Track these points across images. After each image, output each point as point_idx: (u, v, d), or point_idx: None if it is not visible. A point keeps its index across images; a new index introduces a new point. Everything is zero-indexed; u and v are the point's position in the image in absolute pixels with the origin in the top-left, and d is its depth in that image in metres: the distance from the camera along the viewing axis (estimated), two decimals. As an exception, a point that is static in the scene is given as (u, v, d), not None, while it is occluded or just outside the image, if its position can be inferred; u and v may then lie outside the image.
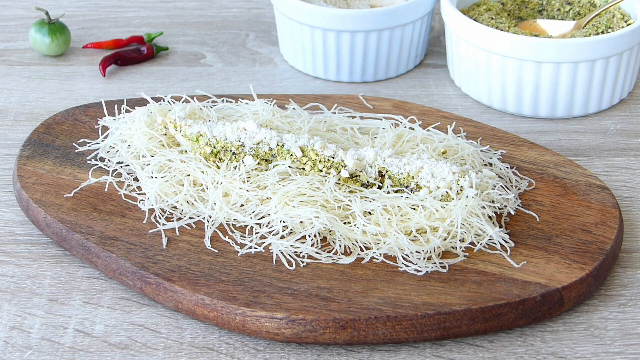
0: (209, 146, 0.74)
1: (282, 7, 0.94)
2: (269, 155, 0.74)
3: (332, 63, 0.94)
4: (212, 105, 0.81)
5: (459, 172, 0.72)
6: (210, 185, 0.72)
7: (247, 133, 0.74)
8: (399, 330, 0.63)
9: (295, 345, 0.65)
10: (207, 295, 0.65)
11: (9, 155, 0.83)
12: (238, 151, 0.74)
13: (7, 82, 0.94)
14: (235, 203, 0.72)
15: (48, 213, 0.72)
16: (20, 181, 0.75)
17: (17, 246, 0.73)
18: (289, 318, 0.63)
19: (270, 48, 1.02)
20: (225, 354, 0.64)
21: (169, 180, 0.73)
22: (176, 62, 0.99)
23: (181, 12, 1.09)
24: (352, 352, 0.64)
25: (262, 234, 0.70)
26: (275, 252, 0.68)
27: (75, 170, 0.77)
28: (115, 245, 0.69)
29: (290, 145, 0.73)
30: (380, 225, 0.69)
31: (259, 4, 1.10)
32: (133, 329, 0.66)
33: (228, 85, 0.95)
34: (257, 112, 0.80)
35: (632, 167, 0.83)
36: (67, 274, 0.70)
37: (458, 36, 0.89)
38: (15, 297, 0.68)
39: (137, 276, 0.67)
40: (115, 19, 1.07)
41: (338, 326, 0.63)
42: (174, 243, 0.70)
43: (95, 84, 0.94)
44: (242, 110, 0.80)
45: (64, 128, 0.82)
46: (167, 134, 0.77)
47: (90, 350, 0.64)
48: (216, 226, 0.71)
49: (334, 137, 0.78)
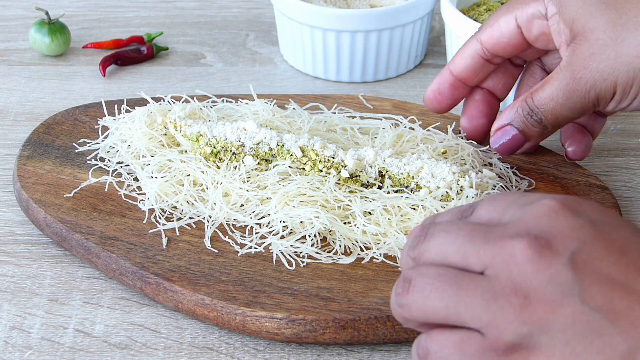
0: (209, 146, 0.74)
1: (282, 7, 0.94)
2: (269, 155, 0.74)
3: (332, 63, 0.94)
4: (212, 105, 0.81)
5: (459, 172, 0.72)
6: (210, 185, 0.72)
7: (247, 133, 0.74)
8: (399, 330, 0.63)
9: (295, 345, 0.65)
10: (207, 295, 0.65)
11: (9, 155, 0.83)
12: (238, 151, 0.74)
13: (7, 82, 0.94)
14: (235, 203, 0.72)
15: (48, 213, 0.72)
16: (20, 181, 0.75)
17: (17, 246, 0.73)
18: (289, 318, 0.63)
19: (270, 48, 1.02)
20: (225, 354, 0.64)
21: (169, 180, 0.73)
22: (176, 62, 0.99)
23: (181, 12, 1.09)
24: (352, 352, 0.64)
25: (262, 234, 0.70)
26: (275, 252, 0.68)
27: (75, 170, 0.77)
28: (115, 245, 0.69)
29: (291, 145, 0.73)
30: (380, 225, 0.69)
31: (259, 4, 1.10)
32: (133, 329, 0.66)
33: (228, 85, 0.95)
34: (257, 112, 0.80)
35: (632, 167, 0.83)
36: (67, 274, 0.70)
37: (458, 36, 0.89)
38: (15, 297, 0.68)
39: (137, 276, 0.67)
40: (115, 19, 1.07)
41: (338, 326, 0.63)
42: (174, 243, 0.70)
43: (95, 84, 0.94)
44: (242, 110, 0.80)
45: (64, 128, 0.82)
46: (167, 134, 0.77)
47: (90, 350, 0.64)
48: (216, 226, 0.71)
49: (334, 137, 0.78)
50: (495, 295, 0.50)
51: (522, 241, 0.50)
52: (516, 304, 0.49)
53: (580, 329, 0.48)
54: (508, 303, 0.49)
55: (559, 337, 0.49)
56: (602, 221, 0.52)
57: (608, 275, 0.49)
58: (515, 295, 0.49)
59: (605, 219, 0.52)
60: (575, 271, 0.49)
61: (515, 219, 0.52)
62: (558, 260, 0.49)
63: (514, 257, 0.50)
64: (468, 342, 0.50)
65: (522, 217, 0.52)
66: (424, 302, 0.51)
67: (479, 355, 0.50)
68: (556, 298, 0.49)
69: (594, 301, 0.49)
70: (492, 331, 0.50)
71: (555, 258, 0.49)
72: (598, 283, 0.49)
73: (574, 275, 0.49)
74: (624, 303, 0.48)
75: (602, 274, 0.49)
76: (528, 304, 0.49)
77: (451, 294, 0.51)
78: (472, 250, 0.51)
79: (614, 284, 0.49)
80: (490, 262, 0.51)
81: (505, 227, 0.52)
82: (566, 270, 0.49)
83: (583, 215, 0.52)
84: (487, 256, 0.51)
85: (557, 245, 0.50)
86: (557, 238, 0.50)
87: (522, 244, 0.50)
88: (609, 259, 0.50)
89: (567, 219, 0.51)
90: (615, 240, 0.51)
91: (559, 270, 0.49)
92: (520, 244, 0.50)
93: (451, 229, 0.53)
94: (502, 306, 0.49)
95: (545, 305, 0.49)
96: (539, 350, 0.49)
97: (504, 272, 0.50)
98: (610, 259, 0.50)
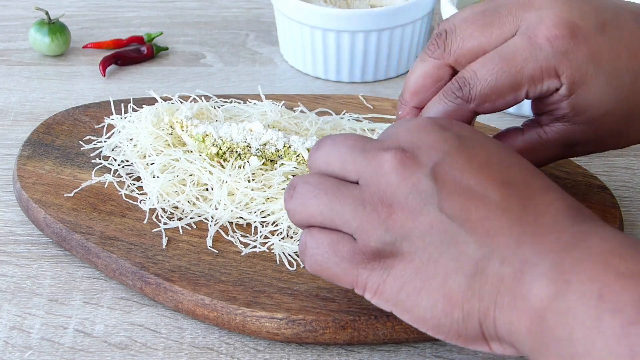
0: (215, 146, 0.74)
1: (282, 7, 0.94)
2: (275, 156, 0.74)
3: (332, 63, 0.94)
4: (219, 105, 0.81)
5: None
6: (216, 185, 0.72)
7: (253, 134, 0.74)
8: (399, 330, 0.63)
9: (295, 345, 0.65)
10: (207, 296, 0.65)
11: (9, 155, 0.83)
12: (244, 152, 0.74)
13: (7, 82, 0.94)
14: (240, 202, 0.72)
15: (48, 213, 0.72)
16: (20, 181, 0.75)
17: (17, 246, 0.73)
18: (289, 318, 0.63)
19: (270, 48, 1.02)
20: (225, 354, 0.64)
21: (172, 180, 0.73)
22: (176, 62, 0.99)
23: (181, 12, 1.09)
24: (352, 352, 0.64)
25: (264, 234, 0.70)
26: (278, 253, 0.68)
27: (76, 170, 0.77)
28: (115, 245, 0.69)
29: (298, 146, 0.73)
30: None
31: (259, 4, 1.10)
32: (133, 329, 0.66)
33: (228, 85, 0.95)
34: (264, 112, 0.80)
35: (632, 167, 0.83)
36: (67, 274, 0.70)
37: (458, 36, 0.89)
38: (15, 297, 0.68)
39: (137, 276, 0.67)
40: (115, 19, 1.07)
41: (338, 326, 0.63)
42: (174, 243, 0.70)
43: (95, 84, 0.94)
44: (250, 110, 0.80)
45: (64, 128, 0.82)
46: (173, 134, 0.77)
47: (90, 351, 0.64)
48: (219, 226, 0.71)
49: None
50: (364, 203, 0.53)
51: (390, 152, 0.53)
52: (381, 212, 0.53)
53: (438, 237, 0.51)
54: (374, 211, 0.53)
55: (418, 244, 0.52)
56: (468, 137, 0.54)
57: (467, 186, 0.51)
58: (381, 204, 0.53)
59: (472, 136, 0.54)
60: (436, 181, 0.52)
61: (392, 133, 0.55)
62: (421, 170, 0.52)
63: (382, 167, 0.53)
64: (341, 243, 0.55)
65: (396, 131, 0.55)
66: (303, 208, 0.56)
67: (349, 257, 0.54)
68: (417, 207, 0.52)
69: (452, 210, 0.51)
70: (361, 236, 0.53)
71: (418, 168, 0.52)
72: (457, 193, 0.51)
73: (434, 185, 0.52)
74: (480, 213, 0.51)
75: (462, 184, 0.51)
76: (392, 212, 0.52)
77: (326, 201, 0.55)
78: (350, 159, 0.55)
79: (472, 195, 0.51)
80: (363, 171, 0.54)
81: (381, 140, 0.55)
82: (427, 180, 0.52)
83: (451, 130, 0.54)
84: (361, 165, 0.54)
85: (421, 156, 0.53)
86: (421, 149, 0.53)
87: (390, 154, 0.53)
88: (470, 170, 0.52)
89: (435, 133, 0.54)
90: (478, 154, 0.53)
91: (420, 180, 0.52)
92: (388, 155, 0.53)
93: (338, 139, 0.57)
94: (369, 214, 0.53)
95: (407, 213, 0.52)
96: (402, 256, 0.53)
97: (373, 182, 0.53)
98: (470, 170, 0.52)
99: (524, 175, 0.53)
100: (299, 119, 0.80)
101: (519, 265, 0.49)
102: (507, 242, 0.50)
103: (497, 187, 0.51)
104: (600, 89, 0.63)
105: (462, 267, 0.51)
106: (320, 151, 0.57)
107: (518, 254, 0.49)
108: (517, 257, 0.49)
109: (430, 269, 0.52)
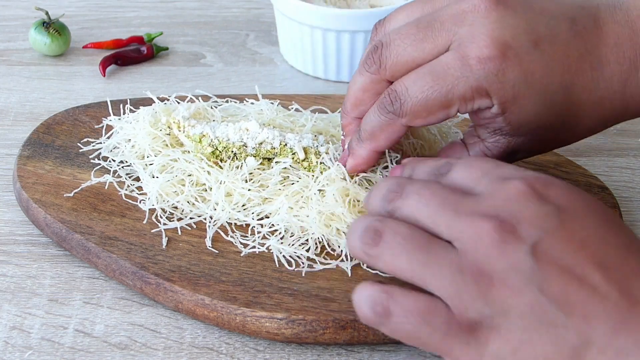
0: (212, 147, 0.74)
1: (282, 7, 0.94)
2: (271, 154, 0.73)
3: (332, 63, 0.94)
4: (216, 105, 0.81)
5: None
6: (214, 185, 0.72)
7: (249, 134, 0.74)
8: (399, 331, 0.63)
9: (295, 345, 0.65)
10: (207, 296, 0.65)
11: (9, 155, 0.83)
12: (240, 152, 0.74)
13: (7, 82, 0.94)
14: (237, 203, 0.72)
15: (48, 213, 0.72)
16: (20, 181, 0.75)
17: (17, 246, 0.73)
18: (289, 318, 0.63)
19: (270, 48, 1.02)
20: (225, 354, 0.64)
21: (171, 180, 0.73)
22: (176, 62, 0.99)
23: (181, 12, 1.09)
24: (352, 352, 0.64)
25: (263, 234, 0.70)
26: (276, 254, 0.68)
27: (76, 170, 0.77)
28: (115, 245, 0.69)
29: (294, 144, 0.73)
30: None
31: (259, 4, 1.10)
32: (133, 329, 0.66)
33: (228, 85, 0.95)
34: (261, 111, 0.80)
35: (632, 167, 0.83)
36: (67, 274, 0.70)
37: (458, 36, 0.89)
38: (15, 297, 0.68)
39: (137, 276, 0.67)
40: (115, 19, 1.07)
41: (338, 326, 0.63)
42: (174, 243, 0.70)
43: (95, 84, 0.94)
44: (247, 110, 0.80)
45: (64, 128, 0.82)
46: (171, 134, 0.77)
47: (90, 351, 0.64)
48: (218, 226, 0.71)
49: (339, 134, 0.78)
50: (462, 271, 0.51)
51: (490, 223, 0.51)
52: (482, 284, 0.51)
53: (537, 318, 0.50)
54: (474, 280, 0.51)
55: (518, 323, 0.50)
56: (568, 211, 0.53)
57: (567, 267, 0.50)
58: (481, 275, 0.51)
59: (571, 208, 0.53)
60: (536, 260, 0.50)
61: (486, 193, 0.54)
62: (521, 247, 0.51)
63: (481, 238, 0.51)
64: (435, 312, 0.52)
65: (493, 194, 0.54)
66: (392, 260, 0.53)
67: (444, 328, 0.52)
68: (517, 285, 0.50)
69: (551, 292, 0.50)
70: (458, 305, 0.51)
71: (519, 245, 0.51)
72: (556, 274, 0.50)
73: (534, 264, 0.50)
74: (579, 296, 0.50)
75: (561, 265, 0.50)
76: (492, 286, 0.51)
77: (420, 258, 0.52)
78: (442, 220, 0.53)
79: (571, 276, 0.50)
80: (458, 236, 0.52)
81: (476, 201, 0.53)
82: (527, 259, 0.50)
83: (550, 202, 0.53)
84: (456, 230, 0.52)
85: (521, 231, 0.51)
86: (521, 224, 0.51)
87: (489, 225, 0.51)
88: (569, 250, 0.51)
89: (535, 206, 0.52)
90: (577, 232, 0.52)
91: (521, 258, 0.51)
92: (487, 225, 0.51)
93: (425, 194, 0.54)
94: (467, 282, 0.51)
95: (507, 290, 0.50)
96: (498, 333, 0.51)
97: (471, 250, 0.51)
98: (569, 250, 0.51)
99: (622, 253, 0.51)
100: (295, 117, 0.80)
101: (613, 354, 0.49)
102: (604, 329, 0.49)
103: (596, 268, 0.50)
104: (533, 107, 0.64)
105: (561, 351, 0.50)
106: (406, 203, 0.55)
107: (613, 344, 0.49)
108: (612, 347, 0.49)
109: (530, 350, 0.50)
